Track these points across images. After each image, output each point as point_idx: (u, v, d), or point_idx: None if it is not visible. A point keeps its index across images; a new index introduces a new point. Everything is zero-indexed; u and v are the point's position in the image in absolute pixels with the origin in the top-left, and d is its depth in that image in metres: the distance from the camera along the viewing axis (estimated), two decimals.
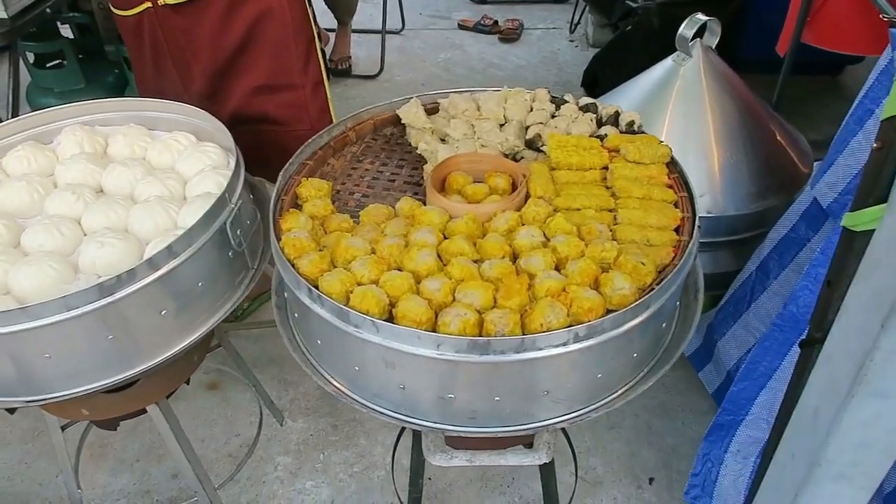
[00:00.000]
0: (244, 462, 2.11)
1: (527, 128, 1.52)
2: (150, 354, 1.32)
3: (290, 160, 1.44)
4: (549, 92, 1.59)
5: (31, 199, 1.51)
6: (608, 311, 1.09)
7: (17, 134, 1.68)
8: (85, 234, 1.44)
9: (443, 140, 1.55)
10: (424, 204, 1.36)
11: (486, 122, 1.52)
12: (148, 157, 1.64)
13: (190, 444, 1.70)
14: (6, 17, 2.01)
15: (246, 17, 1.84)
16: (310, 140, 1.50)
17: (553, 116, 1.53)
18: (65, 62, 3.04)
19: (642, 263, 1.13)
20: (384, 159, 1.55)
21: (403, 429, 1.98)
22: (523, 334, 1.06)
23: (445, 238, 1.24)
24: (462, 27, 4.70)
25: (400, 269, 1.17)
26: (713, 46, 2.16)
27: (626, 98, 2.26)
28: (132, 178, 1.55)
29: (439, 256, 1.19)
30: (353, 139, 1.58)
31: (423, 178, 1.48)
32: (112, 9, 1.90)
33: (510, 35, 4.53)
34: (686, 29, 2.09)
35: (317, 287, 1.13)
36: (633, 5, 3.40)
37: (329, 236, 1.26)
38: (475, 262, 1.18)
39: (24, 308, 1.15)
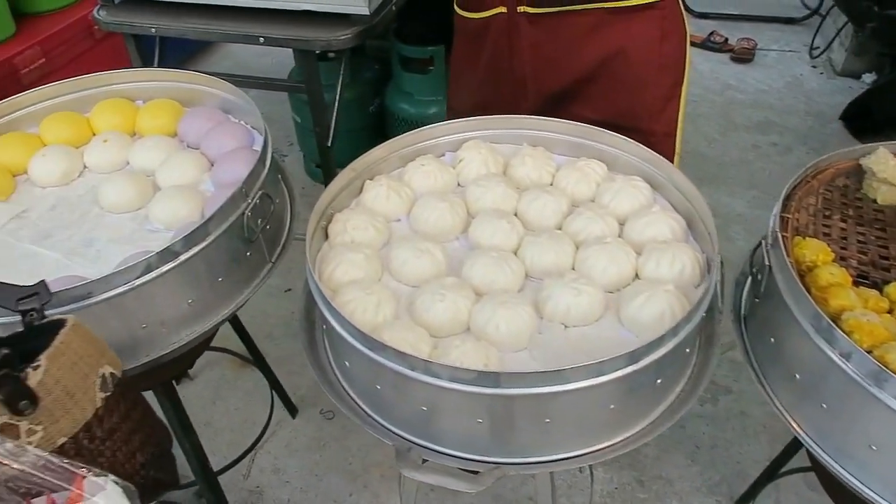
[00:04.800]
0: None
1: None
2: (631, 425, 1.15)
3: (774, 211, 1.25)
4: None
5: (451, 223, 1.39)
6: None
7: (404, 149, 1.55)
8: (525, 273, 1.30)
9: None
10: None
11: None
12: (556, 185, 1.49)
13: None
14: (367, 13, 1.89)
15: (607, 43, 1.59)
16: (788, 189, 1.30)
17: None
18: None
19: None
20: (855, 217, 1.34)
21: None
22: None
23: None
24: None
25: None
26: None
27: None
28: (557, 209, 1.40)
29: None
30: (815, 189, 1.38)
31: None
32: (456, 8, 1.71)
33: (745, 55, 4.22)
34: None
35: None
36: None
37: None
38: None
39: (557, 371, 1.00)
